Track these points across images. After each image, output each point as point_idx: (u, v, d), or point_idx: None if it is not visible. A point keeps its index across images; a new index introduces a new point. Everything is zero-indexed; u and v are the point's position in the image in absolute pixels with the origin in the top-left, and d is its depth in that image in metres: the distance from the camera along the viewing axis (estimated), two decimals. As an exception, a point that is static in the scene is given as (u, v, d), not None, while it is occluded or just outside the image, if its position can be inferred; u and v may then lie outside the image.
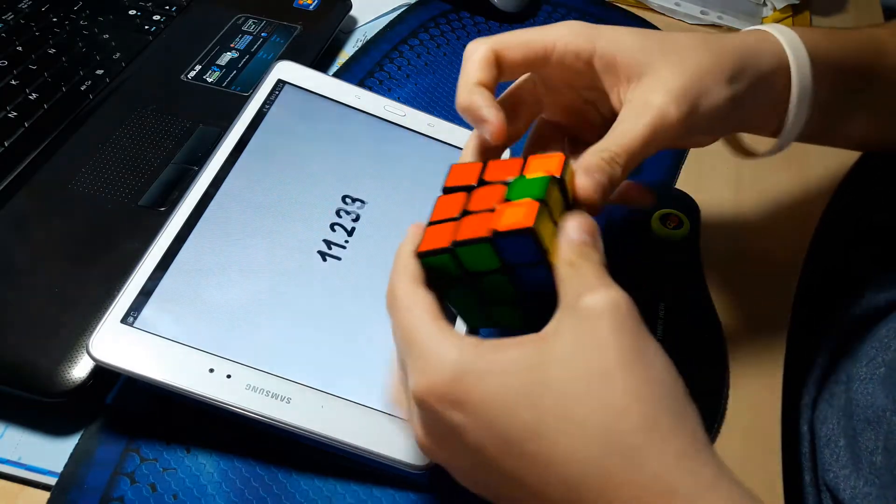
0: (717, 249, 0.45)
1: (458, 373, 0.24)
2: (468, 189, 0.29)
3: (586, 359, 0.23)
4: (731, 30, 0.62)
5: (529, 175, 0.27)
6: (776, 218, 0.47)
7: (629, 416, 0.22)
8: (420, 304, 0.26)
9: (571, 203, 0.29)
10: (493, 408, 0.23)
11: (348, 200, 0.40)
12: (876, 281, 0.48)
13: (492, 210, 0.27)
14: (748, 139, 0.38)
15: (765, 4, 0.64)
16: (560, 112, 0.36)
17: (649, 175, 0.49)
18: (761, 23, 0.63)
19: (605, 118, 0.35)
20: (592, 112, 0.36)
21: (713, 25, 0.63)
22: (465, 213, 0.28)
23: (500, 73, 0.32)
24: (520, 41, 0.32)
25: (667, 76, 0.30)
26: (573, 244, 0.26)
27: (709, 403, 0.38)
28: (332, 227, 0.39)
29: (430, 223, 0.28)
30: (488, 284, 0.28)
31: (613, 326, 0.23)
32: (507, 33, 0.32)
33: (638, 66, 0.31)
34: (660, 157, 0.50)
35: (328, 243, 0.38)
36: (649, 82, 0.30)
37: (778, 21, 0.63)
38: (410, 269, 0.27)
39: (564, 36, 0.32)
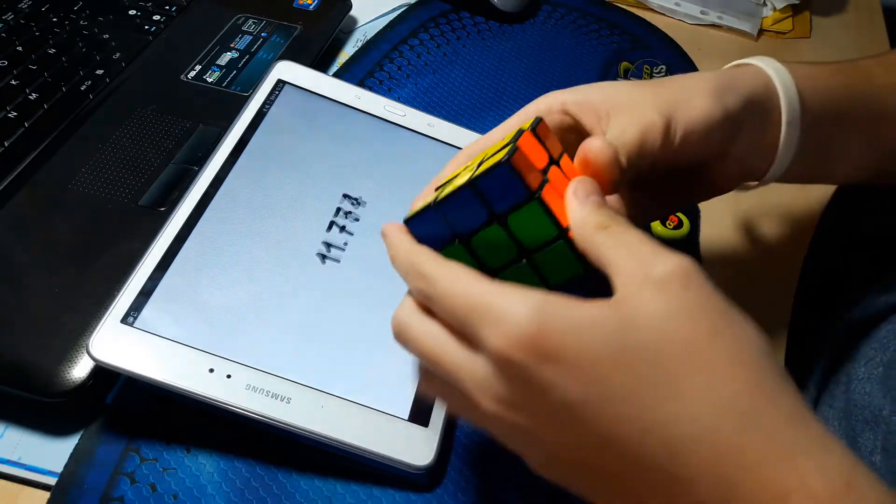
0: (717, 249, 0.45)
1: (546, 324, 0.22)
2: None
3: (679, 326, 0.22)
4: (731, 30, 0.62)
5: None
6: (776, 219, 0.47)
7: (735, 380, 0.22)
8: (459, 267, 0.25)
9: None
10: (589, 362, 0.22)
11: (348, 200, 0.40)
12: (876, 283, 0.48)
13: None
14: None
15: (765, 4, 0.64)
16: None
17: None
18: (761, 23, 0.63)
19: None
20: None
21: (713, 25, 0.63)
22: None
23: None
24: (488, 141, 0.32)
25: (647, 100, 0.31)
26: (594, 206, 0.25)
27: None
28: (331, 226, 0.39)
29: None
30: (485, 244, 0.27)
31: (699, 293, 0.23)
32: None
33: (617, 101, 0.31)
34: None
35: (327, 244, 0.38)
36: (630, 108, 0.31)
37: (777, 21, 0.63)
38: (423, 248, 0.27)
39: (539, 105, 0.32)
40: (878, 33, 0.65)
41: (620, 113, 0.31)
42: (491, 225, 0.26)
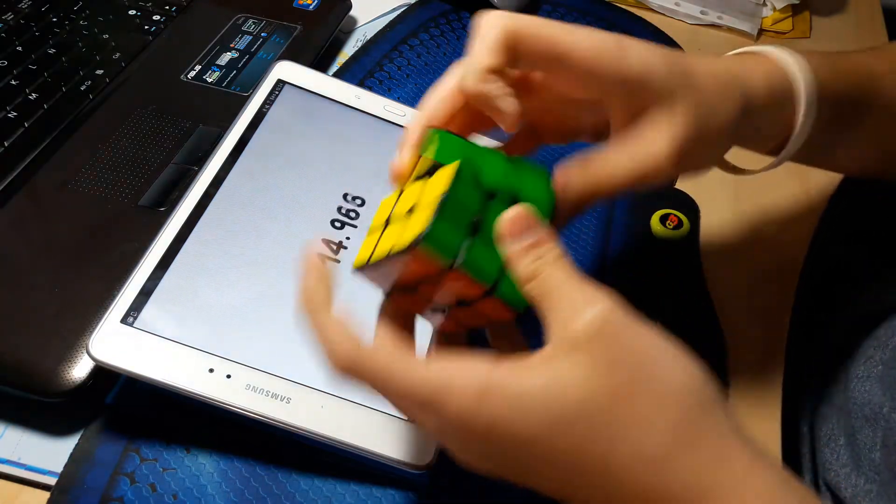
0: (717, 249, 0.45)
1: (486, 407, 0.23)
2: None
3: (599, 386, 0.23)
4: (730, 30, 0.62)
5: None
6: (776, 218, 0.47)
7: (655, 429, 0.23)
8: (394, 359, 0.25)
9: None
10: (526, 440, 0.23)
11: (348, 200, 0.40)
12: (876, 281, 0.48)
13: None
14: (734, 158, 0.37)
15: (764, 4, 0.64)
16: (536, 112, 0.33)
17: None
18: (761, 23, 0.63)
19: (583, 126, 0.33)
20: (567, 117, 0.34)
21: (713, 25, 0.63)
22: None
23: (514, 62, 0.28)
24: (547, 34, 0.28)
25: (678, 120, 0.29)
26: (523, 253, 0.25)
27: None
28: (331, 226, 0.39)
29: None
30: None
31: (616, 346, 0.23)
32: (531, 18, 0.28)
33: (657, 96, 0.29)
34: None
35: (328, 243, 0.38)
36: (660, 121, 0.29)
37: (777, 21, 0.63)
38: (342, 328, 0.26)
39: (596, 46, 0.28)
40: (878, 33, 0.65)
41: (656, 115, 0.29)
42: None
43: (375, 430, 0.32)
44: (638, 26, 0.61)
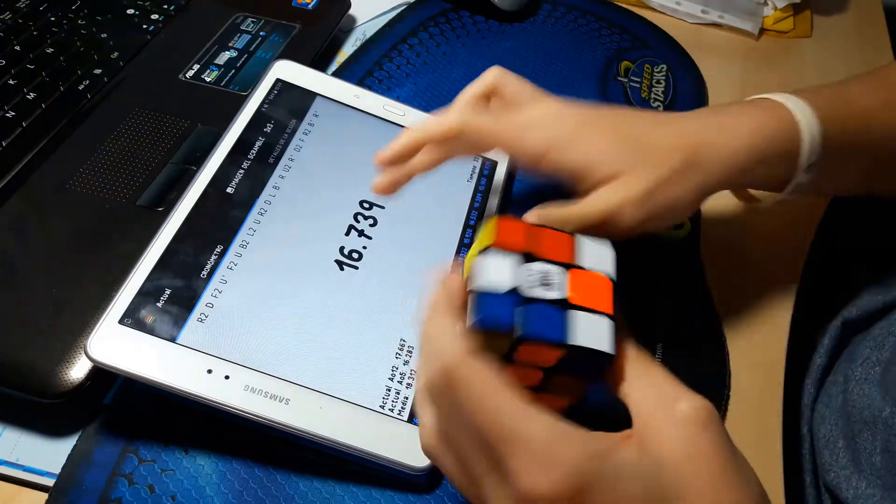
0: (717, 249, 0.45)
1: (583, 477, 0.23)
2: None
3: (698, 467, 0.24)
4: (732, 29, 0.62)
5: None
6: (776, 218, 0.47)
7: None
8: (498, 385, 0.24)
9: None
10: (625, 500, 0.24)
11: (347, 200, 0.40)
12: (874, 282, 0.48)
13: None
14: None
15: (766, 3, 0.63)
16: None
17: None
18: (762, 22, 0.62)
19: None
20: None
21: (714, 24, 0.63)
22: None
23: (460, 146, 0.36)
24: (491, 134, 0.35)
25: (632, 182, 0.33)
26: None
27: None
28: (330, 226, 0.39)
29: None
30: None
31: (714, 435, 0.24)
32: (487, 121, 0.35)
33: (605, 176, 0.33)
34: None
35: (326, 244, 0.38)
36: (615, 185, 0.33)
37: (778, 20, 0.63)
38: (460, 334, 0.25)
39: (537, 146, 0.34)
40: (879, 33, 0.64)
41: (604, 189, 0.33)
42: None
43: (374, 432, 0.32)
44: (639, 25, 0.61)
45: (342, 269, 0.37)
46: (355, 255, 0.38)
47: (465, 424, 0.24)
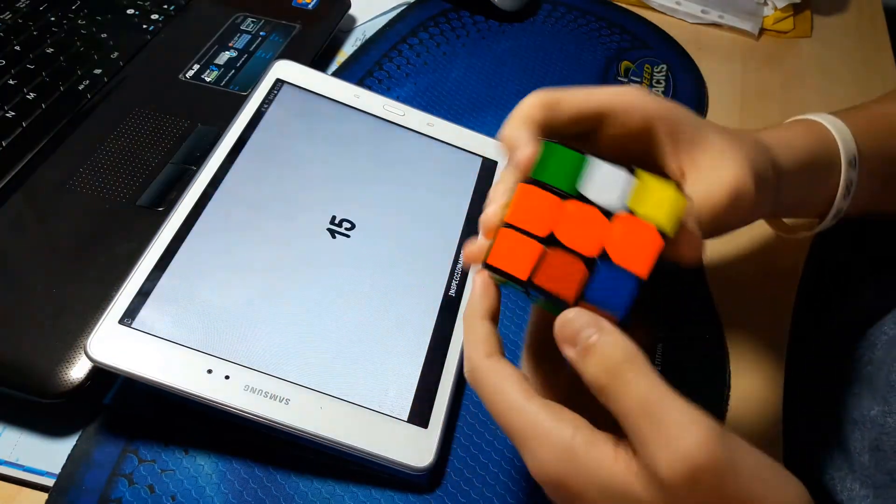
0: (718, 250, 0.45)
1: (566, 461, 0.24)
2: (557, 193, 0.26)
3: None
4: (731, 29, 0.62)
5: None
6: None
7: None
8: (509, 378, 0.25)
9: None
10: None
11: (347, 201, 0.40)
12: (871, 284, 0.48)
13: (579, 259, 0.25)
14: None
15: (766, 3, 0.63)
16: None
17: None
18: (762, 22, 0.62)
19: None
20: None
21: (714, 24, 0.63)
22: (551, 239, 0.25)
23: (552, 125, 0.30)
24: (578, 96, 0.30)
25: (731, 153, 0.29)
26: (586, 356, 0.24)
27: (709, 404, 0.37)
28: (330, 226, 0.39)
29: (507, 225, 0.26)
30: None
31: (703, 495, 0.22)
32: (567, 88, 0.30)
33: (701, 138, 0.29)
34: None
35: (327, 244, 0.38)
36: (717, 155, 0.29)
37: (778, 20, 0.63)
38: (483, 338, 0.27)
39: (626, 95, 0.30)
40: (879, 33, 0.64)
41: (712, 160, 0.29)
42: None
43: (374, 431, 0.32)
44: (639, 26, 0.61)
45: (343, 269, 0.37)
46: (355, 255, 0.38)
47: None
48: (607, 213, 0.25)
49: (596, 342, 0.24)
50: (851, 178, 0.35)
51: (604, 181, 0.26)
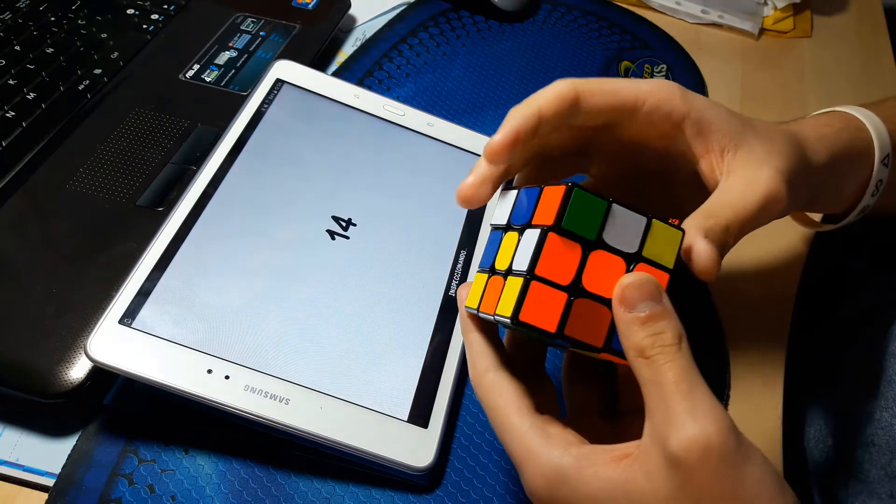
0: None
1: (556, 483, 0.24)
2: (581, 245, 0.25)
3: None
4: (731, 29, 0.62)
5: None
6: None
7: None
8: (504, 395, 0.26)
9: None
10: None
11: (347, 201, 0.40)
12: (871, 283, 0.48)
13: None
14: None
15: (766, 3, 0.63)
16: (613, 169, 0.33)
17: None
18: (762, 22, 0.62)
19: (671, 182, 0.33)
20: (653, 174, 0.33)
21: (714, 24, 0.63)
22: (576, 287, 0.25)
23: (578, 115, 0.29)
24: (607, 88, 0.29)
25: (764, 155, 0.29)
26: (640, 324, 0.24)
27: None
28: (330, 226, 0.39)
29: (533, 277, 0.25)
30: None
31: (709, 475, 0.22)
32: (597, 78, 0.29)
33: (733, 138, 0.29)
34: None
35: (326, 245, 0.38)
36: (749, 157, 0.29)
37: (778, 20, 0.63)
38: (478, 352, 0.28)
39: (658, 92, 0.29)
40: (879, 33, 0.64)
41: (739, 162, 0.29)
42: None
43: (375, 431, 0.32)
44: (639, 26, 0.61)
45: (342, 269, 0.37)
46: (355, 255, 0.38)
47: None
48: (628, 259, 0.26)
49: (656, 314, 0.24)
50: (882, 176, 0.35)
51: (624, 227, 0.26)
